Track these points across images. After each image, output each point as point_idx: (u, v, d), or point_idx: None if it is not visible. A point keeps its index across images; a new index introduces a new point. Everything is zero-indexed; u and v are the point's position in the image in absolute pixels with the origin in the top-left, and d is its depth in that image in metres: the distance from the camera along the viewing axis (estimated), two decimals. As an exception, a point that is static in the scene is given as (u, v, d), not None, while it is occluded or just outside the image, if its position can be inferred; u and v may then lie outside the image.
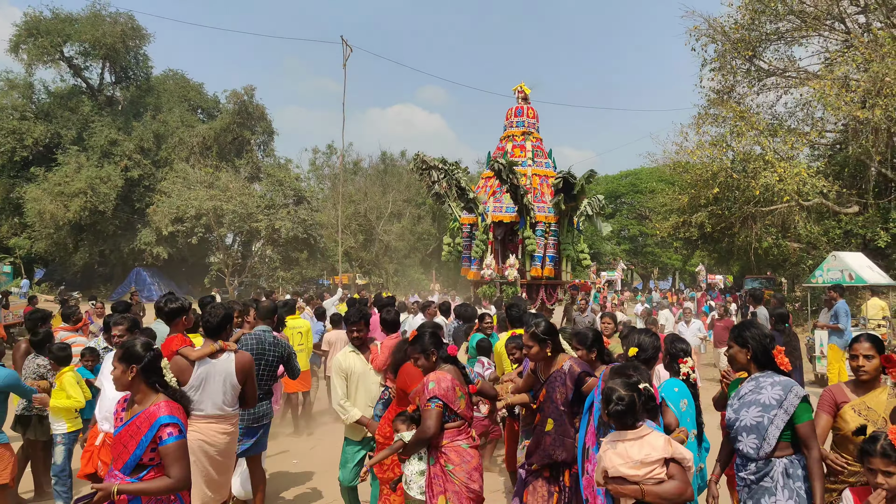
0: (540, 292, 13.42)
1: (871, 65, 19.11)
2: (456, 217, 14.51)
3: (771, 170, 19.85)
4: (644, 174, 49.51)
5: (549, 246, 13.48)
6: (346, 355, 5.03)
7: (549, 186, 13.68)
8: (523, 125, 14.45)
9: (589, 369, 4.00)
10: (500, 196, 13.74)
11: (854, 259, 13.58)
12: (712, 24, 24.58)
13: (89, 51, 36.86)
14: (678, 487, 2.96)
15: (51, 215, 31.61)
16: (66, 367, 5.44)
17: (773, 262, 26.72)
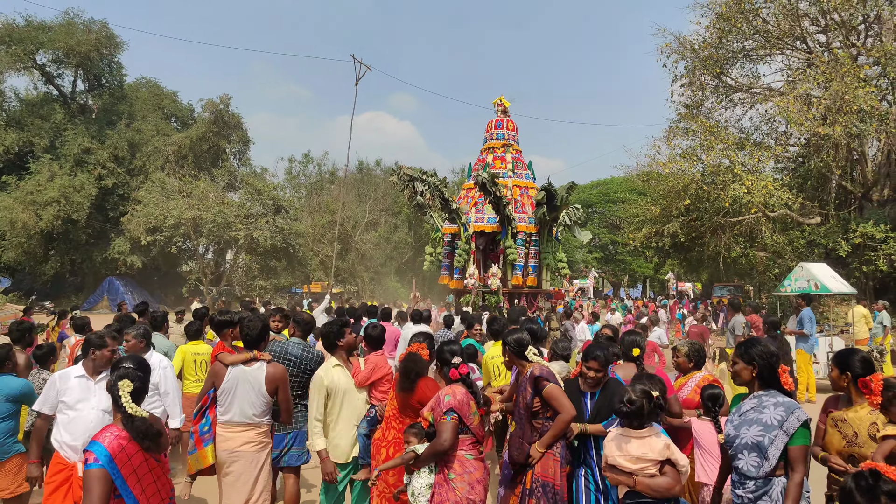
0: (521, 301, 13.83)
1: (831, 83, 20.03)
2: (438, 227, 14.89)
3: (739, 182, 20.62)
4: (615, 184, 50.53)
5: (529, 255, 13.92)
6: (328, 370, 4.69)
7: (530, 197, 14.14)
8: (503, 137, 14.92)
9: (549, 375, 4.22)
10: (482, 207, 14.17)
11: (819, 270, 14.30)
12: (682, 42, 25.46)
13: (62, 58, 36.50)
14: (668, 483, 3.43)
15: (22, 224, 31.20)
16: None
17: (741, 270, 27.61)
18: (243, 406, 4.34)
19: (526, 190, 14.45)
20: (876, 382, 3.54)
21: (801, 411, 3.31)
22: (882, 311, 13.29)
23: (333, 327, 4.84)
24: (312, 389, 4.63)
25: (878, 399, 3.53)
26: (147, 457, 2.96)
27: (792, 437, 3.25)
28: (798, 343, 10.85)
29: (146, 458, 2.96)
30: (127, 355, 3.26)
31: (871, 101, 19.10)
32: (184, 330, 7.28)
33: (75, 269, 37.70)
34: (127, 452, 2.87)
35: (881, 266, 20.21)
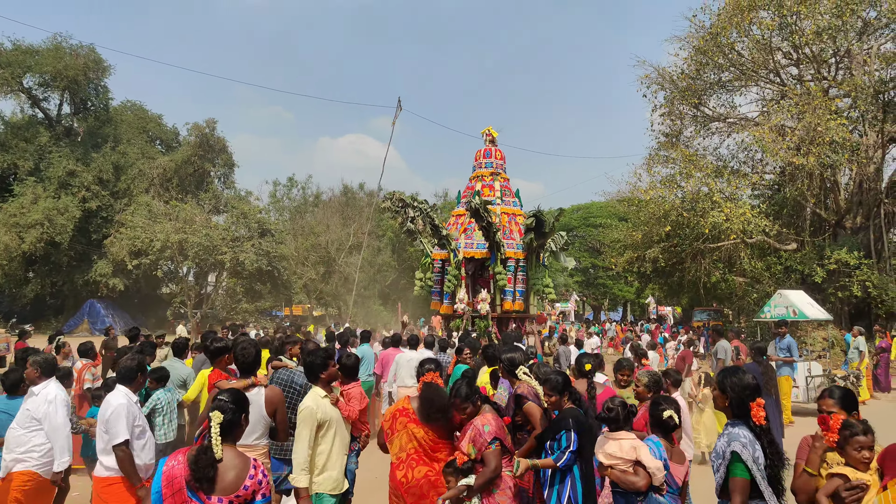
0: (510, 325, 14.16)
1: (804, 115, 20.81)
2: (428, 253, 15.21)
3: (718, 209, 21.23)
4: (595, 208, 51.30)
5: (517, 280, 14.27)
6: (319, 402, 4.46)
7: (518, 224, 14.53)
8: (492, 166, 15.37)
9: (531, 394, 4.60)
10: (471, 233, 14.55)
11: (797, 296, 14.81)
12: (661, 73, 26.26)
13: (49, 82, 36.63)
14: (634, 479, 3.88)
15: (4, 246, 31.06)
16: None
17: (720, 295, 28.22)
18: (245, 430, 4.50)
19: (514, 217, 14.87)
20: (835, 420, 3.49)
21: (737, 443, 3.32)
22: (858, 336, 13.78)
23: (317, 359, 4.61)
24: (303, 422, 4.31)
25: (833, 437, 3.46)
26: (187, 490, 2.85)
27: (728, 469, 3.33)
28: (782, 369, 11.24)
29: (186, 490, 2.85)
30: (226, 389, 3.27)
31: (842, 132, 19.88)
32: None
33: (56, 291, 37.46)
34: (173, 478, 2.86)
35: (856, 292, 20.85)
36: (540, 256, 14.63)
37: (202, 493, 2.81)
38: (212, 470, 2.81)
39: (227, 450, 2.89)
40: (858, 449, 3.34)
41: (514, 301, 14.18)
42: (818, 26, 21.57)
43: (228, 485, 2.84)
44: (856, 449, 3.35)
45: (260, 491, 2.87)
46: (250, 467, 2.90)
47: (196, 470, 2.81)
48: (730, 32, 23.75)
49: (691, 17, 25.86)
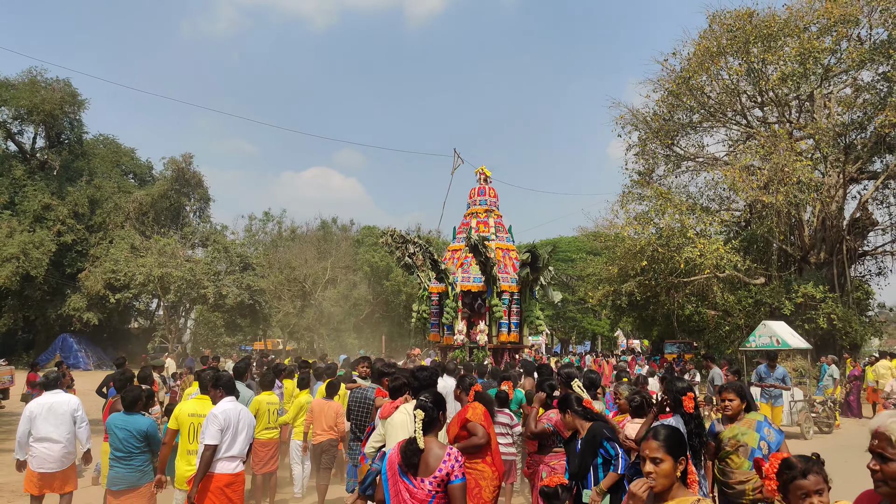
0: (505, 355, 14.70)
1: (771, 156, 22.08)
2: (424, 286, 15.73)
3: (692, 245, 22.23)
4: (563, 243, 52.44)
5: (512, 313, 14.86)
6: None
7: (511, 259, 15.18)
8: (486, 203, 16.05)
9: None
10: (468, 267, 15.13)
11: (779, 327, 15.69)
12: (635, 115, 27.51)
13: (24, 116, 36.53)
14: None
15: (-22, 280, 30.59)
16: None
17: (693, 327, 29.20)
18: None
19: (507, 252, 15.54)
20: (772, 463, 2.88)
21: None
22: (831, 364, 14.65)
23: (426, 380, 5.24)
24: (399, 429, 4.73)
25: (773, 483, 2.84)
26: (399, 473, 3.49)
27: None
28: (778, 400, 11.78)
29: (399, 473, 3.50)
30: (428, 390, 3.95)
31: (807, 173, 21.15)
32: (259, 381, 8.02)
33: (28, 325, 36.86)
34: (392, 465, 3.55)
35: (821, 324, 21.93)
36: (533, 290, 15.28)
37: (410, 475, 3.47)
38: (416, 457, 3.45)
39: (429, 441, 3.50)
40: (803, 497, 2.67)
41: (510, 333, 14.77)
42: (783, 73, 23.00)
43: (429, 468, 3.46)
44: (800, 497, 2.67)
45: (454, 473, 3.42)
46: (444, 454, 3.48)
47: (405, 457, 3.48)
48: (700, 76, 25.14)
49: (662, 61, 27.28)
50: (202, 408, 5.61)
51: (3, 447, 11.76)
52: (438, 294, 15.61)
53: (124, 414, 5.75)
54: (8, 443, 12.28)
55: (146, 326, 45.60)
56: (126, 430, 5.62)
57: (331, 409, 7.29)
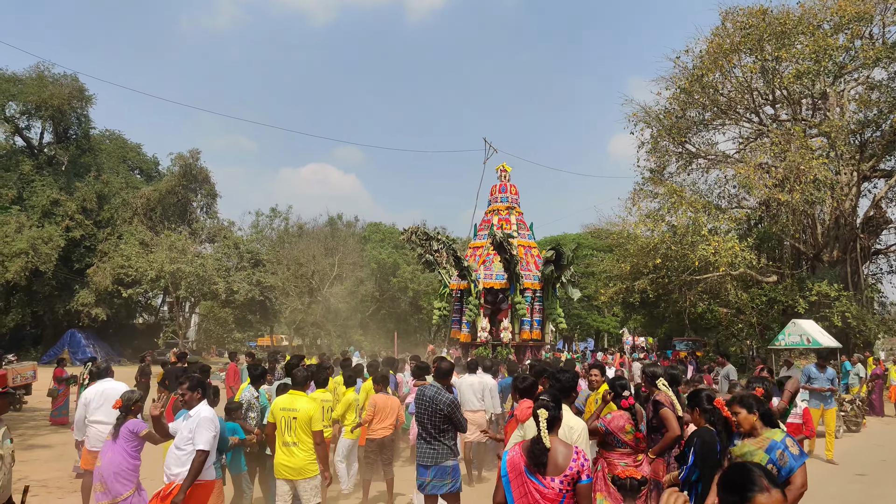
0: (527, 353, 14.70)
1: (785, 154, 22.05)
2: (445, 283, 15.72)
3: (706, 243, 22.20)
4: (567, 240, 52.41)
5: (534, 311, 14.85)
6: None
7: (533, 256, 15.16)
8: (507, 200, 16.03)
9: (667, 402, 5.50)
10: (490, 264, 15.12)
11: (809, 325, 15.63)
12: (648, 112, 27.46)
13: (32, 111, 36.48)
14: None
15: (-12, 275, 30.58)
16: None
17: (706, 325, 29.20)
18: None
19: (529, 249, 15.52)
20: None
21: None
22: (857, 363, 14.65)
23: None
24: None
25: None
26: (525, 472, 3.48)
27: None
28: (813, 399, 10.88)
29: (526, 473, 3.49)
30: (548, 391, 4.04)
31: (824, 171, 21.12)
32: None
33: (36, 320, 36.88)
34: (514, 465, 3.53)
35: (836, 322, 21.90)
36: (555, 287, 15.26)
37: (538, 474, 3.46)
38: (544, 456, 3.43)
39: (553, 439, 3.51)
40: None
41: (532, 330, 14.76)
42: (798, 70, 22.97)
43: (558, 467, 3.45)
44: None
45: (584, 472, 3.44)
46: (573, 452, 3.50)
47: (532, 457, 3.46)
48: (713, 74, 25.09)
49: (675, 58, 27.21)
50: (292, 402, 5.91)
51: (34, 442, 11.77)
52: (460, 291, 15.59)
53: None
54: (37, 438, 12.30)
55: (151, 322, 45.67)
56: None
57: (393, 403, 7.57)
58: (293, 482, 5.86)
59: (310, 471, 5.87)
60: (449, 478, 5.73)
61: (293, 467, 5.82)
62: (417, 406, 5.87)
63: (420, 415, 5.83)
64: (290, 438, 5.84)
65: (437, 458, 5.71)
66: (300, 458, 5.82)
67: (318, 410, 5.99)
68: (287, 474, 5.84)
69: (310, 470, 5.88)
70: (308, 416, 5.86)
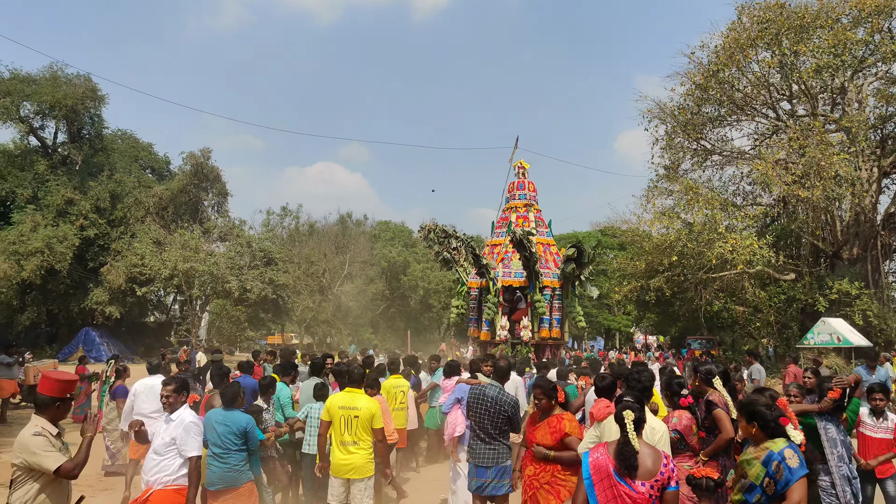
0: (547, 352, 14.56)
1: (805, 150, 21.77)
2: (463, 281, 15.60)
3: (723, 241, 21.95)
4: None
5: (553, 309, 14.71)
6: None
7: (552, 254, 15.01)
8: (525, 198, 15.88)
9: (721, 402, 5.31)
10: (508, 262, 14.99)
11: (839, 324, 15.36)
12: (663, 108, 27.21)
13: (46, 111, 36.60)
14: None
15: (3, 273, 30.70)
16: None
17: (722, 323, 28.93)
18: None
19: (548, 247, 15.36)
20: None
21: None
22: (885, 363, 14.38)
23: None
24: None
25: None
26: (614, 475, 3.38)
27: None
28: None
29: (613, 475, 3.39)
30: (628, 392, 4.07)
31: (845, 167, 20.83)
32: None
33: (51, 318, 37.07)
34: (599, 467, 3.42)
35: (857, 321, 21.59)
36: (574, 285, 15.11)
37: (628, 478, 3.37)
38: (634, 459, 3.35)
39: (639, 443, 3.42)
40: None
41: (551, 328, 14.61)
42: (818, 64, 22.68)
43: (647, 471, 3.38)
44: None
45: (673, 478, 3.36)
46: (662, 457, 3.41)
47: (622, 460, 3.37)
48: (730, 69, 24.81)
49: (689, 54, 26.95)
50: (351, 400, 5.82)
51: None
52: (477, 289, 15.46)
53: (223, 410, 5.70)
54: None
55: (162, 321, 45.85)
56: (225, 425, 5.56)
57: (386, 408, 7.47)
58: (349, 481, 5.76)
59: (368, 470, 5.80)
60: (507, 477, 5.71)
61: (352, 466, 5.73)
62: (475, 406, 5.77)
63: (479, 415, 5.74)
64: (350, 437, 5.74)
65: (497, 458, 5.66)
66: (359, 456, 5.74)
67: (378, 408, 5.89)
68: (345, 473, 5.74)
69: (368, 469, 5.80)
70: (370, 414, 5.76)
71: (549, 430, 5.21)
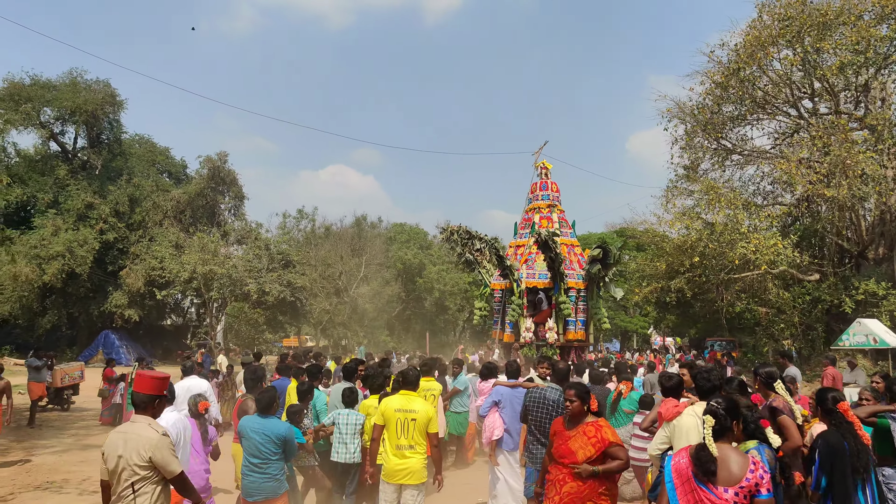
0: (571, 354, 14.43)
1: (830, 148, 21.46)
2: (486, 283, 15.50)
3: (745, 241, 21.66)
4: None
5: (578, 310, 14.57)
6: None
7: (576, 255, 14.88)
8: (548, 198, 15.76)
9: (785, 408, 5.08)
10: (532, 263, 14.86)
11: (875, 325, 15.08)
12: (682, 108, 26.96)
13: (66, 116, 37.02)
14: None
15: (25, 277, 31.00)
16: None
17: (744, 325, 28.61)
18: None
19: (573, 248, 15.23)
20: None
21: None
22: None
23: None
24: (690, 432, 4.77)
25: None
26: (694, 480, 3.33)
27: None
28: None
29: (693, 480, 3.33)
30: (723, 397, 3.74)
31: (872, 165, 20.51)
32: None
33: (71, 322, 37.41)
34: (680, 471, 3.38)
35: (884, 321, 21.25)
36: (599, 286, 14.97)
37: (710, 484, 3.27)
38: (713, 465, 3.24)
39: (724, 447, 3.32)
40: None
41: (576, 330, 14.47)
42: (843, 61, 22.37)
43: (731, 477, 3.24)
44: None
45: (763, 485, 3.20)
46: (749, 463, 3.28)
47: (699, 465, 3.28)
48: (751, 66, 24.52)
49: (709, 52, 26.67)
50: (408, 403, 5.65)
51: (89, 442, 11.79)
52: (501, 291, 15.35)
53: (259, 417, 5.51)
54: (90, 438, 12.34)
55: (179, 324, 46.14)
56: (263, 434, 5.38)
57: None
58: (401, 487, 5.55)
59: (423, 476, 5.61)
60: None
61: (408, 471, 5.51)
62: (535, 409, 5.71)
63: (539, 418, 5.67)
64: (406, 441, 5.54)
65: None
66: (415, 461, 5.54)
67: (434, 412, 5.75)
68: (400, 479, 5.52)
69: (423, 475, 5.62)
70: (427, 417, 5.60)
71: (589, 440, 4.72)
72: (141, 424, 3.98)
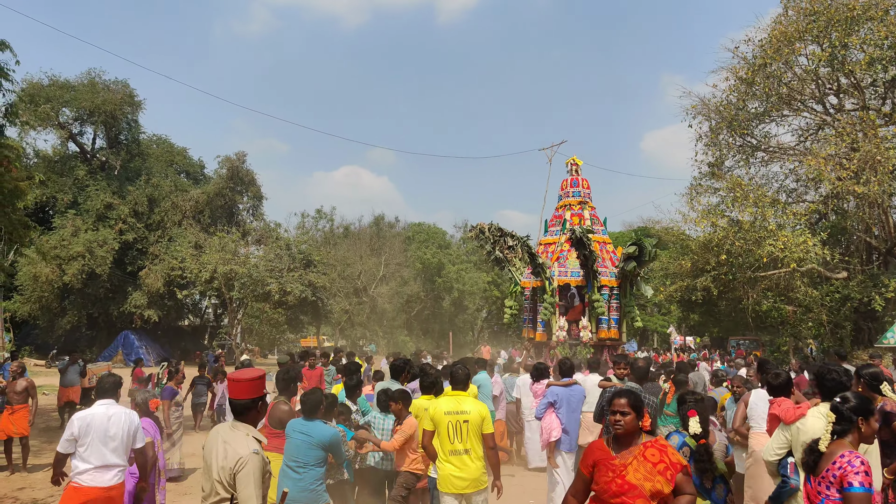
0: (604, 352, 14.20)
1: (859, 144, 21.10)
2: (517, 281, 15.31)
3: (773, 238, 21.33)
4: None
5: (611, 309, 14.35)
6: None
7: (608, 252, 14.66)
8: (580, 195, 15.55)
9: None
10: (564, 261, 14.66)
11: None
12: (706, 104, 26.64)
13: (85, 117, 37.16)
14: None
15: (45, 278, 31.13)
16: None
17: (771, 323, 28.25)
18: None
19: (605, 245, 15.02)
20: None
21: None
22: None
23: None
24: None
25: None
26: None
27: None
28: None
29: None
30: (854, 394, 3.70)
31: (903, 160, 20.14)
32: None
33: (91, 322, 37.52)
34: None
35: (913, 319, 20.90)
36: (632, 284, 14.75)
37: (812, 475, 3.36)
38: (813, 457, 3.36)
39: (840, 445, 3.32)
40: None
41: (609, 329, 14.27)
42: (871, 57, 22.01)
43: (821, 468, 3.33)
44: None
45: (851, 475, 3.14)
46: (838, 452, 3.29)
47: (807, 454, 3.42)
48: (777, 62, 24.18)
49: (734, 48, 26.34)
50: (458, 404, 5.22)
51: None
52: (531, 289, 15.17)
53: (304, 419, 5.18)
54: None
55: (196, 324, 46.24)
56: (306, 435, 5.04)
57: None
58: (466, 496, 5.10)
59: (484, 481, 5.17)
60: None
61: (468, 478, 5.05)
62: (602, 406, 5.54)
63: (604, 414, 5.49)
64: (461, 446, 5.07)
65: None
66: (474, 467, 5.09)
67: (487, 410, 5.33)
68: (461, 488, 5.05)
69: (484, 480, 5.17)
70: (481, 417, 5.14)
71: (655, 467, 3.45)
72: (240, 433, 3.48)
